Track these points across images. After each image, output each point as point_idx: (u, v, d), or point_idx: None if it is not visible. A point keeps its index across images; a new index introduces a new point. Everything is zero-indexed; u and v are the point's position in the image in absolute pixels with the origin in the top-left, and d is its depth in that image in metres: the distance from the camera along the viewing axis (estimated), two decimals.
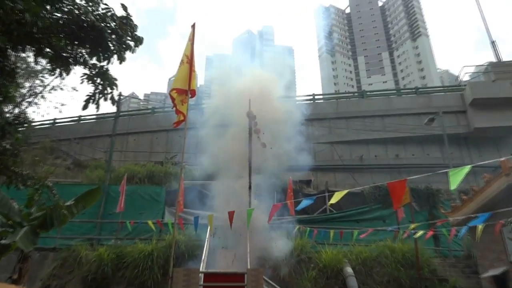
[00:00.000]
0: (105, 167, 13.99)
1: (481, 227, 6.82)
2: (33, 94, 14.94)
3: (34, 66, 14.02)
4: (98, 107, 4.68)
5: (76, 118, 20.12)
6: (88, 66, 4.63)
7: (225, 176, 10.07)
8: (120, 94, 14.41)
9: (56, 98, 57.45)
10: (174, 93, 6.67)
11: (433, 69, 74.27)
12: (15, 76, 4.98)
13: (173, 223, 7.22)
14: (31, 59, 13.00)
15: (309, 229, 9.82)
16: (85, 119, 19.87)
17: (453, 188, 4.37)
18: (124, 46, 4.55)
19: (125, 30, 4.52)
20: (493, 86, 16.11)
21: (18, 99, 13.56)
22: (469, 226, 7.56)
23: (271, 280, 8.00)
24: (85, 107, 4.59)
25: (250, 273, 6.33)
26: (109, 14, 4.47)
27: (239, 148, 9.89)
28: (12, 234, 4.90)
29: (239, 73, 11.67)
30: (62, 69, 4.63)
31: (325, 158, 16.12)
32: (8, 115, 6.95)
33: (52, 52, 4.52)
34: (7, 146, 5.90)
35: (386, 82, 77.85)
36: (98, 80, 4.61)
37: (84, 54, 4.59)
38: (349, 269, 8.86)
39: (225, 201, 9.32)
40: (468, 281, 8.98)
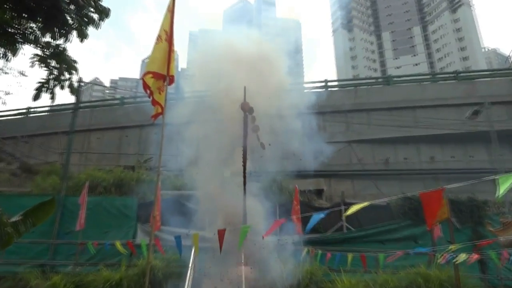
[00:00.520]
0: (61, 173, 13.95)
1: None
2: None
3: None
4: (53, 97, 4.67)
5: (25, 111, 20.05)
6: (40, 45, 4.62)
7: (214, 184, 10.09)
8: (81, 81, 14.37)
9: None
10: (150, 78, 6.65)
11: (478, 48, 74.68)
12: None
13: (148, 245, 7.21)
14: None
15: (321, 252, 9.83)
16: (36, 112, 19.80)
17: (500, 196, 4.37)
18: (86, 20, 4.55)
19: (87, 0, 4.52)
20: None
21: None
22: None
23: None
24: (37, 97, 4.59)
25: None
26: None
27: (230, 150, 9.93)
28: None
29: (230, 52, 11.69)
30: (7, 49, 4.62)
31: (341, 162, 16.18)
32: None
33: None
34: None
35: (418, 65, 78.23)
36: (53, 63, 4.60)
37: (35, 30, 4.59)
38: None
39: (214, 215, 9.35)
40: None
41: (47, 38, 4.68)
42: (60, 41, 4.65)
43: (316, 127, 15.28)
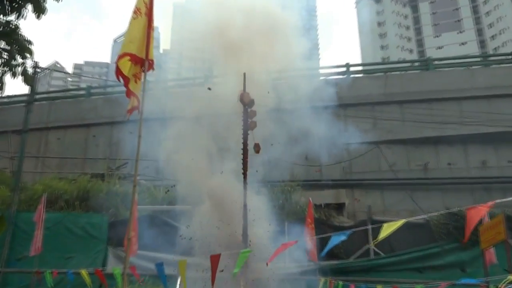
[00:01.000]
0: (12, 183, 13.97)
1: None
2: None
3: None
4: (2, 87, 4.70)
5: None
6: None
7: (207, 197, 10.14)
8: (37, 66, 14.40)
9: None
10: (126, 62, 6.67)
11: None
12: None
13: (122, 274, 7.22)
14: None
15: (342, 283, 9.82)
16: None
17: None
18: None
19: None
20: None
21: None
22: None
23: None
24: None
25: None
26: None
27: (226, 153, 9.97)
28: None
29: (226, 29, 11.71)
30: None
31: (367, 168, 16.17)
32: None
33: None
34: None
35: (465, 44, 78.23)
36: (2, 44, 4.63)
37: None
38: None
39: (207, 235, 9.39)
40: None
41: None
42: (11, 17, 4.68)
43: (335, 124, 15.29)
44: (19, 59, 4.86)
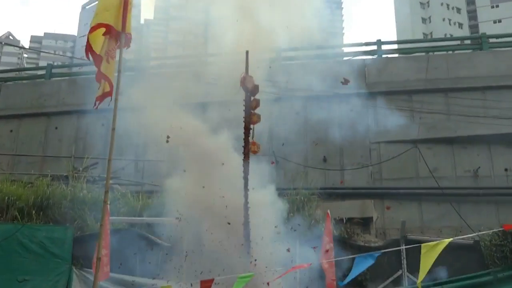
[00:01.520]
0: None
1: None
2: None
3: None
4: None
5: None
6: None
7: (198, 207, 10.23)
8: None
9: None
10: (98, 36, 6.77)
11: None
12: None
13: None
14: None
15: None
16: None
17: None
18: None
19: None
20: None
21: None
22: None
23: None
24: None
25: None
26: None
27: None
28: None
29: None
30: None
31: (401, 174, 16.15)
32: None
33: None
34: None
35: None
36: None
37: None
38: None
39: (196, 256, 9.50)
40: None
41: None
42: None
43: (362, 117, 15.33)
44: None
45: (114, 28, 6.78)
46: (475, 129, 16.27)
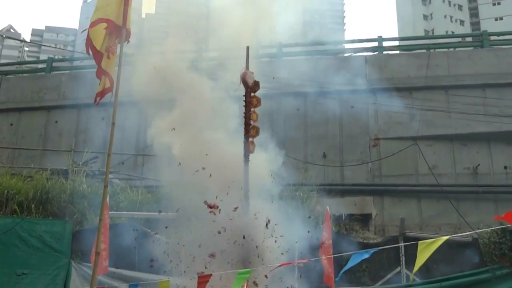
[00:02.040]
0: None
1: None
2: None
3: None
4: None
5: None
6: None
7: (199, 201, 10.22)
8: None
9: None
10: (100, 31, 6.74)
11: None
12: None
13: None
14: None
15: None
16: None
17: None
18: None
19: None
20: None
21: None
22: None
23: None
24: None
25: None
26: None
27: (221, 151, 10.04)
28: None
29: None
30: None
31: (401, 171, 16.16)
32: None
33: None
34: None
35: None
36: None
37: None
38: None
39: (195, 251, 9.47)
40: None
41: None
42: None
43: (362, 114, 15.31)
44: None
45: (115, 23, 6.74)
46: (475, 127, 16.30)
